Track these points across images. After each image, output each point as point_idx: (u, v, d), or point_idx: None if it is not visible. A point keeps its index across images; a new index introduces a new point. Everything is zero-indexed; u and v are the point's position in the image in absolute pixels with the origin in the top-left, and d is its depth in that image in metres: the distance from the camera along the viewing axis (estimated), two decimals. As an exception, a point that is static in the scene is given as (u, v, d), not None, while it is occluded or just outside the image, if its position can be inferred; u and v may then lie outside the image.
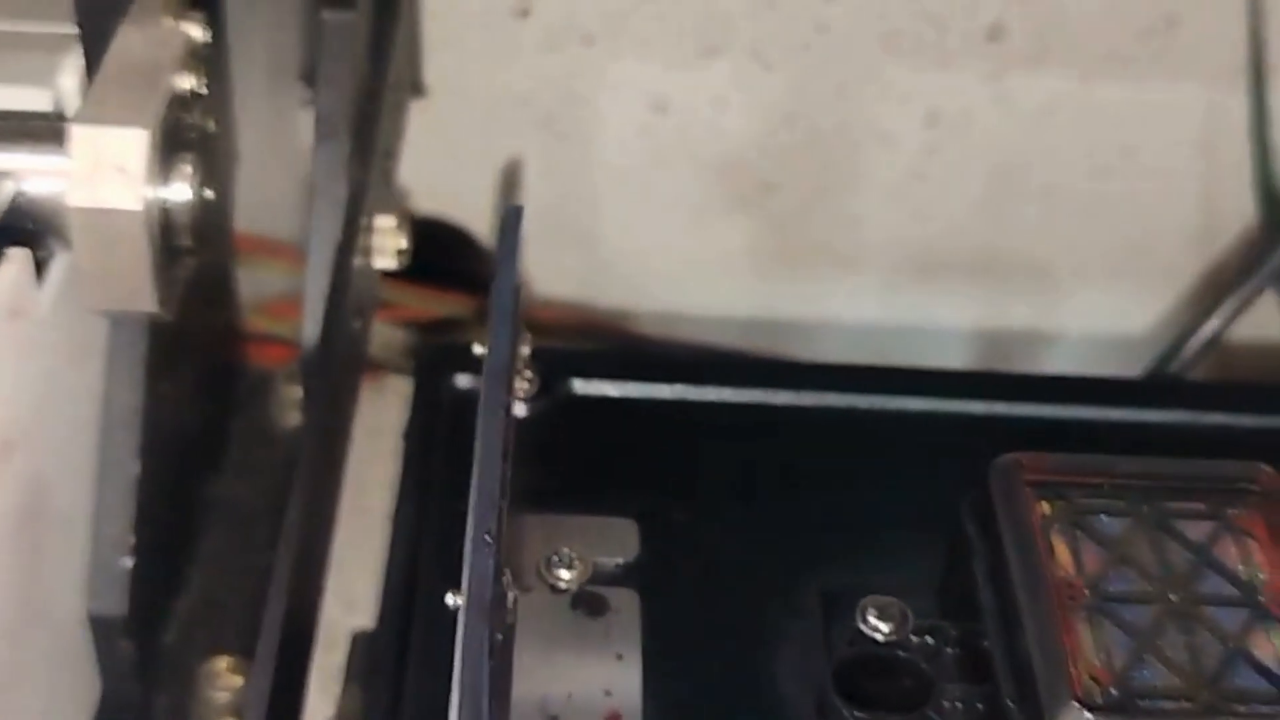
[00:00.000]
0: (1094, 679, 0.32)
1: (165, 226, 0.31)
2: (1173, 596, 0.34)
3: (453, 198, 0.54)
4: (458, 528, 0.32)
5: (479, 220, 0.55)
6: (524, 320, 0.37)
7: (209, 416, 0.43)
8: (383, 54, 0.44)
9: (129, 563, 0.35)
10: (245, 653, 0.37)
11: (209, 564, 0.40)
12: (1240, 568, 0.35)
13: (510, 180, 0.53)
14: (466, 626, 0.27)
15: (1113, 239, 0.55)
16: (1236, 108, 0.52)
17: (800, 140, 0.54)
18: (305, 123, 0.48)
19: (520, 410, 0.39)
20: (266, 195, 0.47)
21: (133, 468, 0.35)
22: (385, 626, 0.35)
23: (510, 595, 0.31)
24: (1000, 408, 0.42)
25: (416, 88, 0.51)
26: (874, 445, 0.41)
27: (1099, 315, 0.57)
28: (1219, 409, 0.42)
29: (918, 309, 0.56)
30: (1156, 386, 0.46)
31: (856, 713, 0.33)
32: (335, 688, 0.40)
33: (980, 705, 0.34)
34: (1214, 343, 0.47)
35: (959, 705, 0.34)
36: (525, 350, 0.39)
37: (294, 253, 0.47)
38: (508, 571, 0.31)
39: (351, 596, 0.41)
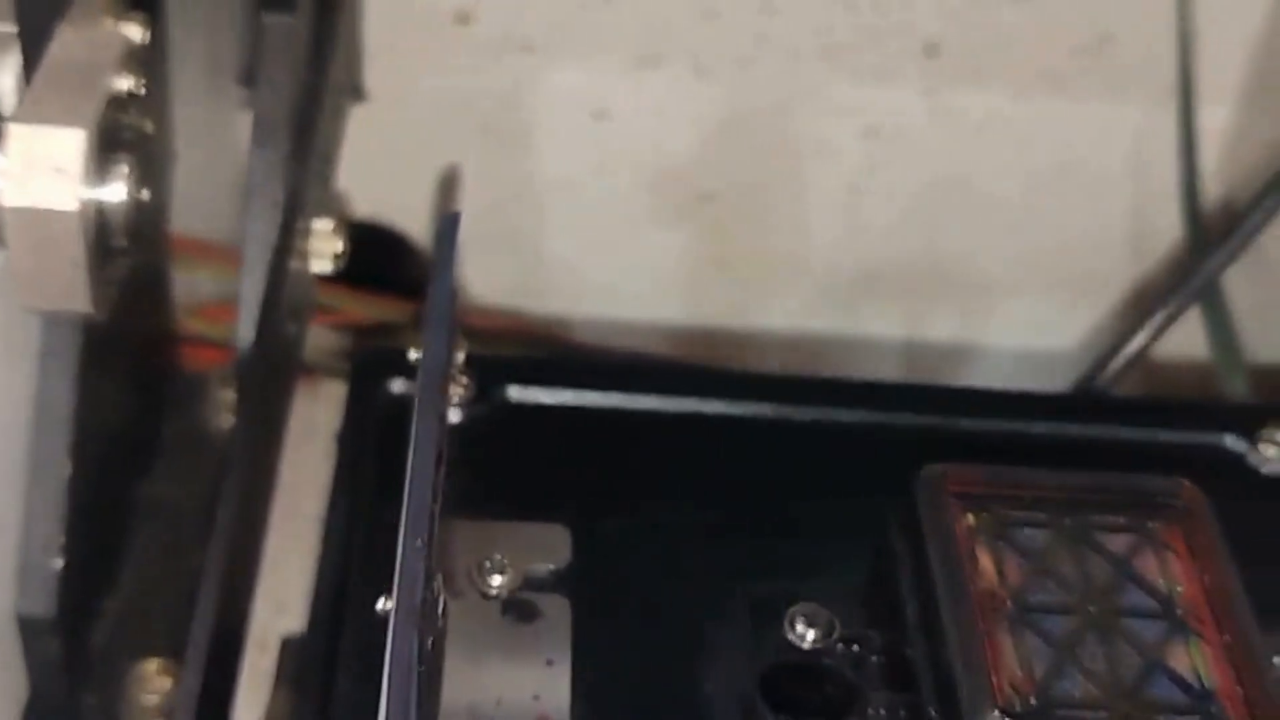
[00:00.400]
0: (1015, 688, 0.33)
1: (101, 227, 0.31)
2: (1093, 608, 0.34)
3: (390, 202, 0.54)
4: (390, 533, 0.32)
5: (417, 225, 0.55)
6: (459, 326, 0.38)
7: (141, 417, 0.43)
8: (322, 57, 0.44)
9: (59, 563, 0.35)
10: (175, 655, 0.37)
11: (140, 566, 0.40)
12: (1159, 581, 0.35)
13: (448, 187, 0.53)
14: (396, 631, 0.27)
15: (1044, 254, 0.56)
16: (1167, 127, 0.53)
17: (739, 151, 0.54)
18: (242, 124, 0.48)
19: (454, 416, 0.39)
20: (202, 196, 0.47)
21: (64, 468, 0.35)
22: (315, 631, 0.35)
23: (441, 600, 0.31)
24: (929, 420, 0.42)
25: (356, 92, 0.51)
26: (804, 455, 0.41)
27: (1029, 329, 0.57)
28: (1143, 424, 0.43)
29: (851, 320, 0.57)
30: (1083, 401, 0.47)
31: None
32: (265, 691, 0.40)
33: (904, 713, 0.34)
34: (1139, 358, 0.48)
35: (883, 713, 0.34)
36: (460, 356, 0.39)
37: (229, 255, 0.46)
38: (439, 576, 0.31)
39: (282, 599, 0.41)
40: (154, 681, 0.38)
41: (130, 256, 0.33)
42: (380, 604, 0.32)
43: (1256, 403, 0.49)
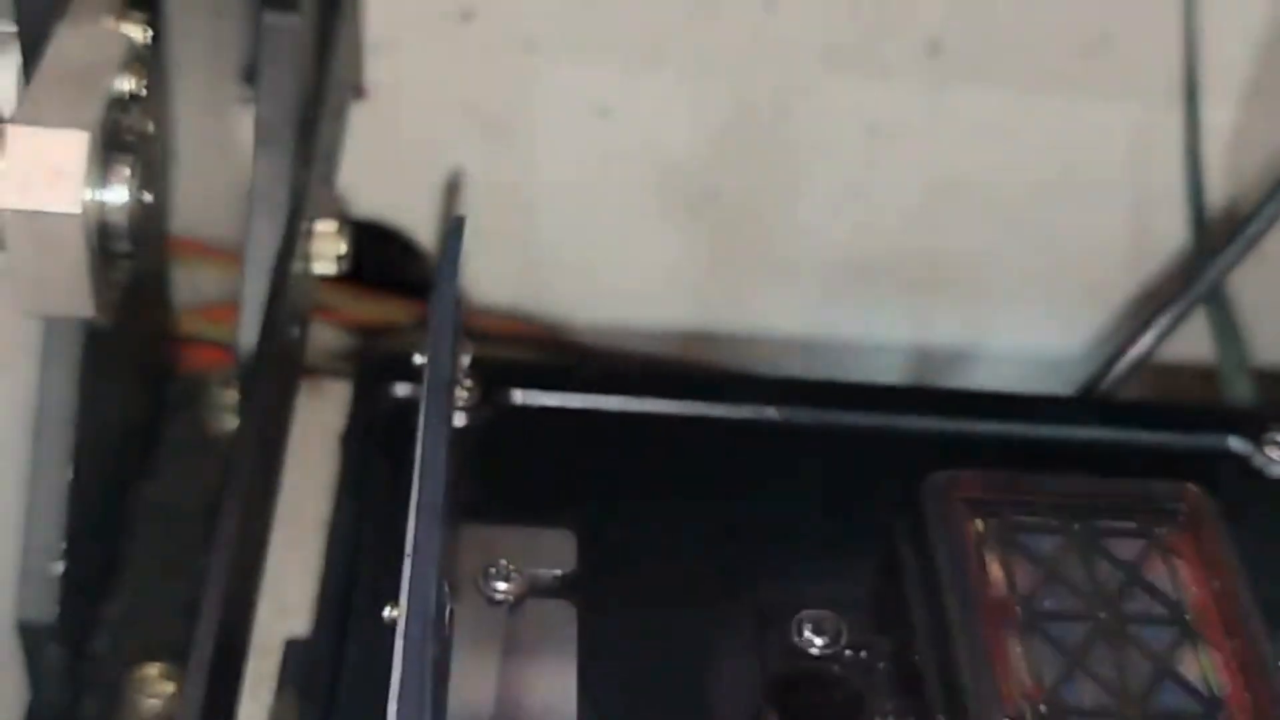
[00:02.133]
0: (1024, 696, 0.33)
1: (103, 230, 0.31)
2: (1103, 615, 0.34)
3: (392, 200, 0.54)
4: (395, 538, 0.32)
5: (419, 222, 0.54)
6: (464, 330, 0.37)
7: (142, 419, 0.43)
8: (326, 56, 0.43)
9: (59, 568, 0.35)
10: (176, 659, 0.37)
11: (140, 569, 0.40)
12: (1169, 587, 0.35)
13: (453, 191, 0.52)
14: (407, 645, 0.27)
15: (1047, 255, 0.56)
16: (1170, 128, 0.53)
17: (741, 149, 0.54)
18: (243, 121, 0.48)
19: (459, 420, 0.39)
20: (202, 195, 0.47)
21: (65, 472, 0.35)
22: (321, 636, 0.35)
23: (447, 609, 0.31)
24: (935, 423, 0.42)
25: (357, 90, 0.50)
26: (812, 459, 0.41)
27: (1032, 332, 0.57)
28: (1149, 427, 0.43)
29: (854, 321, 0.57)
30: (1088, 404, 0.46)
31: (790, 727, 0.33)
32: (266, 694, 0.40)
33: (912, 720, 0.34)
34: (1145, 362, 0.47)
35: (891, 720, 0.34)
36: (465, 360, 0.39)
37: (230, 255, 0.46)
38: (445, 584, 0.31)
39: (284, 602, 0.41)
40: (155, 685, 0.38)
41: (132, 259, 0.33)
42: (387, 612, 0.32)
43: (1261, 406, 0.48)
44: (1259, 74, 0.53)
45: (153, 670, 0.38)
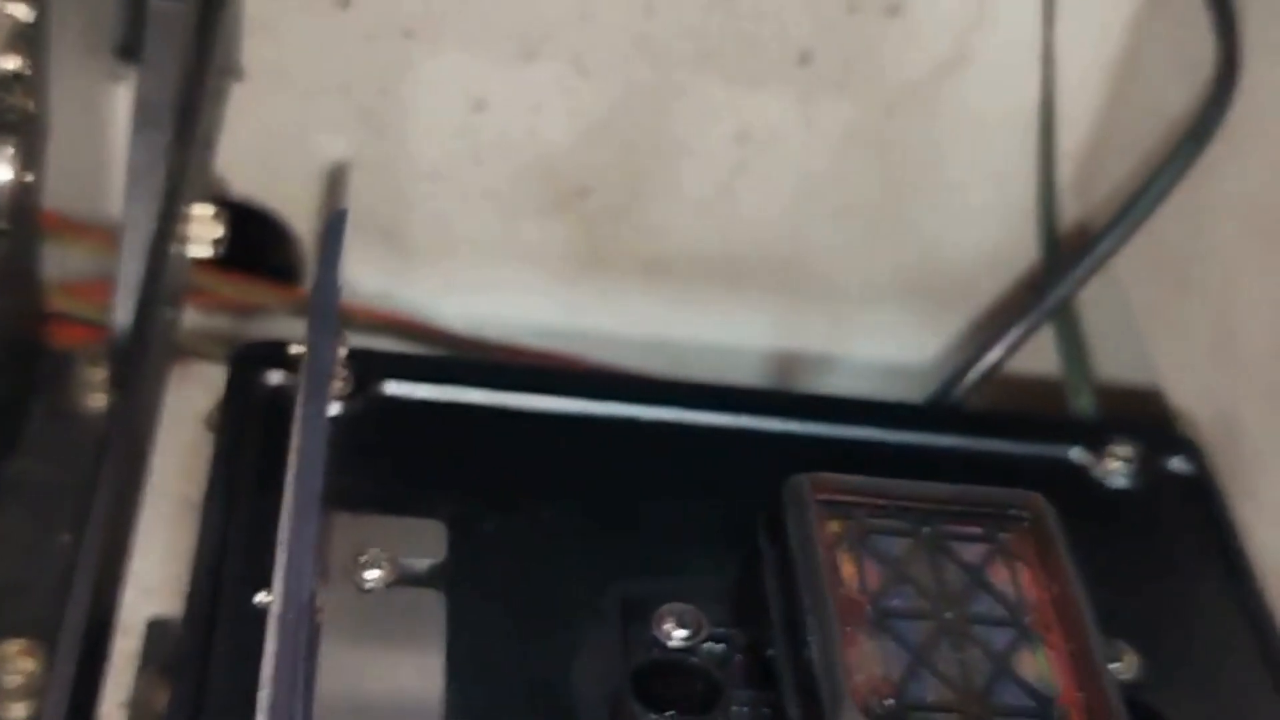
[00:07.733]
0: (873, 690, 0.34)
1: (-19, 209, 0.31)
2: (948, 614, 0.36)
3: (266, 182, 0.54)
4: (266, 526, 0.32)
5: (291, 205, 0.54)
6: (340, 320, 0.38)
7: (8, 395, 0.42)
8: (207, 41, 0.43)
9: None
10: (39, 636, 0.37)
11: (3, 545, 0.40)
12: (1010, 589, 0.37)
13: (335, 183, 0.53)
14: (282, 629, 0.28)
15: (907, 265, 0.58)
16: (1028, 146, 0.55)
17: (614, 148, 0.55)
18: (118, 96, 0.48)
19: (333, 409, 0.40)
20: (73, 171, 0.46)
21: (-70, 447, 0.35)
22: (191, 620, 0.35)
23: (319, 597, 0.32)
24: (794, 426, 0.44)
25: (235, 71, 0.50)
26: (677, 458, 0.42)
27: (889, 339, 0.59)
28: (995, 436, 0.45)
29: (719, 321, 0.58)
30: (938, 412, 0.48)
31: (651, 716, 0.34)
32: (127, 673, 0.40)
33: (767, 710, 0.35)
34: (994, 373, 0.49)
35: (746, 710, 0.36)
36: (342, 352, 0.39)
37: (98, 232, 0.46)
38: (315, 572, 0.31)
39: (147, 583, 0.41)
40: (16, 663, 0.37)
41: (6, 237, 0.33)
42: (259, 597, 0.32)
43: (1103, 419, 0.50)
44: (1112, 99, 0.55)
45: (14, 647, 0.37)
